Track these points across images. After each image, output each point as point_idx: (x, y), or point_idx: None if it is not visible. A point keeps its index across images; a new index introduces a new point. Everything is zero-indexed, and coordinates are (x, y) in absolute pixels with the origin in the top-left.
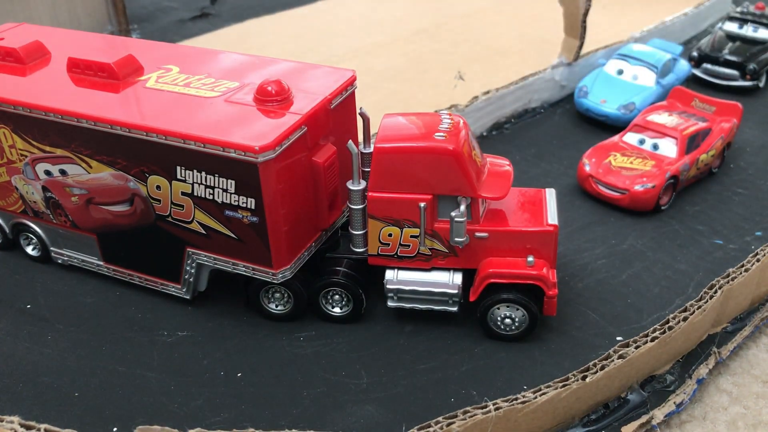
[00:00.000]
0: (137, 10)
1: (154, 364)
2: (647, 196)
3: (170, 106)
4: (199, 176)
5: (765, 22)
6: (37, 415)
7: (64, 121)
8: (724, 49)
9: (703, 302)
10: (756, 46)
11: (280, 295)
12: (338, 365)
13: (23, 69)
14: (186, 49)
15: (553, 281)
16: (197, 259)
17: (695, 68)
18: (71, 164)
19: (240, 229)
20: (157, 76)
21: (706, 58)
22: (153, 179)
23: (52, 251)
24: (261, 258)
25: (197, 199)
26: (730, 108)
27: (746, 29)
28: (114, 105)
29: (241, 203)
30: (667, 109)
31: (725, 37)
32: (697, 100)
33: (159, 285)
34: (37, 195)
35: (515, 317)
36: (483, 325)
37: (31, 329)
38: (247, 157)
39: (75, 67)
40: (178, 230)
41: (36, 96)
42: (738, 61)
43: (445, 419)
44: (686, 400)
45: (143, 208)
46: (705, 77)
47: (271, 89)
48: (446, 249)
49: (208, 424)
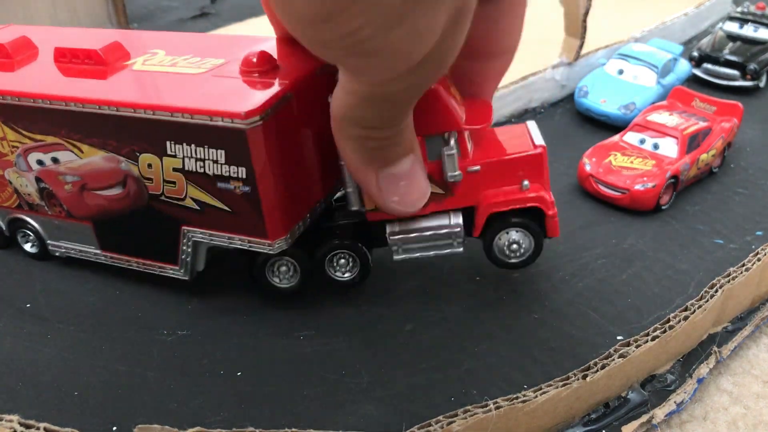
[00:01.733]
0: (137, 10)
1: (154, 363)
2: (648, 196)
3: (157, 85)
4: (189, 149)
5: (765, 22)
6: (36, 414)
7: (52, 107)
8: (725, 49)
9: (703, 302)
10: (756, 46)
11: (286, 268)
12: (338, 365)
13: (11, 64)
14: (172, 35)
15: (551, 201)
16: (193, 236)
17: (696, 68)
18: (63, 151)
19: (233, 200)
20: (143, 59)
21: (706, 58)
22: (144, 158)
23: (49, 244)
24: (256, 229)
25: (189, 174)
26: (731, 108)
27: (747, 29)
28: (102, 88)
29: (233, 173)
30: (667, 109)
31: (726, 37)
32: (698, 100)
33: (157, 268)
34: (31, 186)
35: (521, 241)
36: (490, 257)
37: (31, 328)
38: (235, 124)
39: (62, 57)
40: (172, 208)
41: (25, 86)
42: (738, 61)
43: (446, 418)
44: (687, 400)
45: (136, 189)
46: (705, 77)
47: (255, 60)
48: (441, 190)
49: (207, 423)
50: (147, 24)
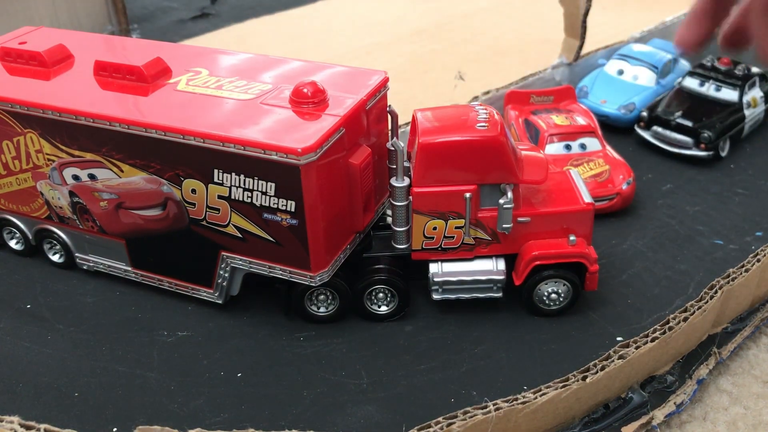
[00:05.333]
0: (137, 10)
1: (154, 364)
2: (632, 189)
3: (205, 110)
4: (238, 179)
5: (730, 81)
6: (36, 415)
7: (95, 125)
8: (678, 110)
9: (703, 302)
10: (716, 109)
11: (324, 297)
12: (338, 365)
13: (47, 73)
14: (210, 52)
15: (594, 257)
16: (232, 262)
17: (644, 130)
18: (101, 168)
19: (278, 231)
20: (187, 78)
21: (656, 120)
22: (188, 183)
23: (77, 257)
24: (299, 261)
25: (234, 203)
26: (564, 92)
27: (707, 88)
28: (146, 108)
29: (281, 206)
30: (539, 111)
31: (683, 96)
32: (534, 96)
33: (190, 290)
34: (64, 200)
35: (560, 292)
36: (528, 305)
37: (31, 329)
38: (289, 159)
39: (102, 70)
40: (212, 234)
41: (64, 100)
42: (691, 126)
43: (446, 419)
44: (686, 401)
45: (176, 212)
46: (654, 141)
47: (307, 91)
48: (489, 237)
49: (208, 424)
50: (147, 25)
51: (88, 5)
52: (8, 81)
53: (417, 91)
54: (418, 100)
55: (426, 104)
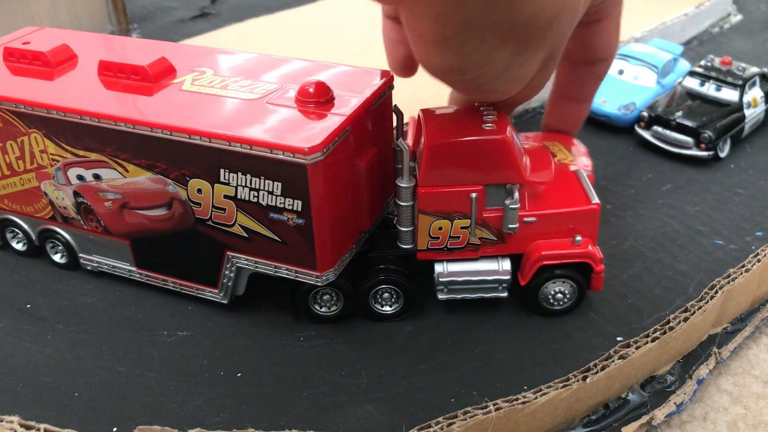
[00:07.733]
0: (137, 10)
1: (154, 364)
2: None
3: (211, 109)
4: (244, 179)
5: (730, 81)
6: (36, 415)
7: (100, 125)
8: (679, 110)
9: (703, 302)
10: (717, 109)
11: (329, 297)
12: (338, 365)
13: (51, 73)
14: (214, 52)
15: (600, 257)
16: (237, 262)
17: (644, 130)
18: (106, 168)
19: (284, 231)
20: (192, 78)
21: (656, 120)
22: (194, 182)
23: (81, 258)
24: (305, 260)
25: (240, 202)
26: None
27: (708, 87)
28: (151, 107)
29: (287, 205)
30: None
31: (684, 96)
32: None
33: (195, 290)
34: (68, 200)
35: (566, 291)
36: (533, 304)
37: (30, 329)
38: (296, 158)
39: (106, 70)
40: (218, 234)
41: (69, 99)
42: (691, 126)
43: (446, 419)
44: (687, 401)
45: (182, 212)
46: (654, 141)
47: (313, 90)
48: (494, 237)
49: (208, 424)
50: (147, 24)
51: (88, 5)
52: (12, 81)
53: (417, 91)
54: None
55: (427, 104)
